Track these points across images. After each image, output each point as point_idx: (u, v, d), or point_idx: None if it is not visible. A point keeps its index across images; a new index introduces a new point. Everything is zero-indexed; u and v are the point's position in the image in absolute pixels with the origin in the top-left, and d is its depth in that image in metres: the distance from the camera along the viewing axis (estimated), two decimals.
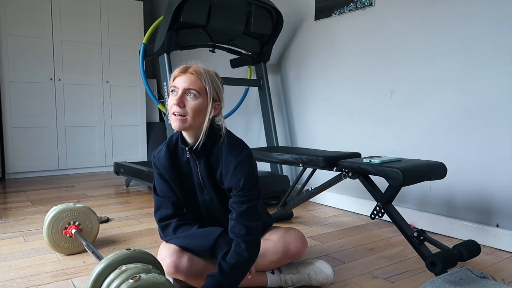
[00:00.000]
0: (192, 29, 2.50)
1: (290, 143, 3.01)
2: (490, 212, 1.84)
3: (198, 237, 1.24)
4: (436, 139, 2.04)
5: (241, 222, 1.19)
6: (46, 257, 1.68)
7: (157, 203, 1.34)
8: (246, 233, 1.17)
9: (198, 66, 1.23)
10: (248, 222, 1.19)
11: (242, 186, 1.21)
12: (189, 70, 1.21)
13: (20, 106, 3.67)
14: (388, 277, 1.48)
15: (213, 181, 1.30)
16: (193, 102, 1.20)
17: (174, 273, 1.22)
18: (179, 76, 1.21)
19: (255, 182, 1.24)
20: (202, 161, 1.29)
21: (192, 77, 1.20)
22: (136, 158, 4.34)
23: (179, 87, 1.20)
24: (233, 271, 1.14)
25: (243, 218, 1.19)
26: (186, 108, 1.19)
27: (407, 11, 2.14)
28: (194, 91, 1.20)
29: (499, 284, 1.37)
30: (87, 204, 2.55)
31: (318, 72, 2.73)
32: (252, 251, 1.18)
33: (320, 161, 1.78)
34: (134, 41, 4.24)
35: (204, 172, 1.29)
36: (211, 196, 1.31)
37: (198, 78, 1.21)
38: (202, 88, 1.21)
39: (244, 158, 1.24)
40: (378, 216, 1.61)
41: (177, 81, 1.21)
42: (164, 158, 1.32)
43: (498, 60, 1.78)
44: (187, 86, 1.19)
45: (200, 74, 1.21)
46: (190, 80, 1.20)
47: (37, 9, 3.69)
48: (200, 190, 1.33)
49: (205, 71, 1.23)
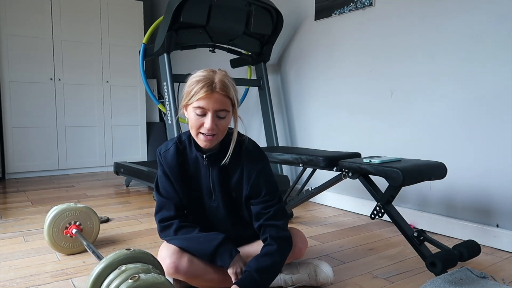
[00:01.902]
0: (192, 29, 2.50)
1: (290, 143, 3.01)
2: (490, 212, 1.84)
3: (199, 241, 1.23)
4: (436, 139, 2.04)
5: (270, 224, 1.23)
6: (46, 257, 1.68)
7: (159, 204, 1.33)
8: (276, 233, 1.22)
9: (222, 80, 1.16)
10: (277, 221, 1.24)
11: (266, 192, 1.25)
12: (217, 90, 1.14)
13: (20, 106, 3.67)
14: (388, 277, 1.48)
15: (225, 188, 1.29)
16: (224, 122, 1.19)
17: (174, 273, 1.22)
18: (207, 98, 1.14)
19: (276, 186, 1.29)
20: (216, 168, 1.28)
21: (221, 98, 1.15)
22: (136, 158, 4.34)
23: (209, 109, 1.15)
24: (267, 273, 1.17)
25: (272, 219, 1.24)
26: (217, 128, 1.18)
27: (407, 11, 2.14)
28: (223, 111, 1.17)
29: (499, 284, 1.37)
30: (87, 204, 2.55)
31: (318, 72, 2.73)
32: (285, 245, 1.23)
33: (320, 161, 1.78)
34: (134, 41, 4.24)
35: (217, 179, 1.28)
36: (218, 203, 1.31)
37: (227, 96, 1.16)
38: (230, 105, 1.19)
39: (264, 165, 1.28)
40: (378, 216, 1.61)
41: (205, 102, 1.14)
42: (172, 159, 1.30)
43: (498, 60, 1.78)
44: (218, 108, 1.15)
45: (228, 90, 1.16)
46: (221, 101, 1.15)
47: (37, 9, 3.69)
48: (208, 196, 1.32)
49: (229, 81, 1.18)
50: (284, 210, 1.29)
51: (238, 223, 1.34)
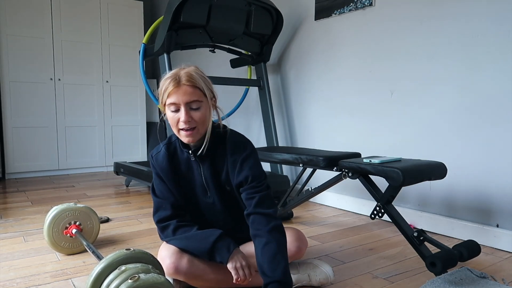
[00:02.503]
0: (192, 29, 2.50)
1: (290, 143, 3.01)
2: (490, 212, 1.84)
3: (197, 239, 1.23)
4: (436, 139, 2.04)
5: (258, 212, 1.19)
6: (46, 257, 1.68)
7: (156, 204, 1.33)
8: (266, 221, 1.17)
9: (187, 72, 1.18)
10: (265, 210, 1.19)
11: (252, 178, 1.22)
12: (183, 82, 1.16)
13: (20, 106, 3.67)
14: (388, 277, 1.48)
15: (218, 183, 1.29)
16: (199, 112, 1.18)
17: (174, 273, 1.22)
18: (176, 92, 1.16)
19: (263, 173, 1.26)
20: (206, 163, 1.28)
21: (189, 89, 1.16)
22: (136, 158, 4.34)
23: (180, 102, 1.16)
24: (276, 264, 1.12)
25: (260, 207, 1.20)
26: (193, 121, 1.18)
27: (407, 11, 2.14)
28: (195, 102, 1.17)
29: (499, 284, 1.37)
30: (87, 204, 2.55)
31: (318, 72, 2.73)
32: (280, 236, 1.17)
33: (320, 161, 1.78)
34: (134, 41, 4.24)
35: (208, 175, 1.28)
36: (214, 199, 1.31)
37: (194, 86, 1.17)
38: (201, 95, 1.19)
39: (249, 153, 1.26)
40: (378, 216, 1.61)
41: (175, 97, 1.16)
42: (163, 160, 1.31)
43: (498, 60, 1.78)
44: (188, 99, 1.16)
45: (194, 80, 1.17)
46: (189, 92, 1.16)
47: (37, 9, 3.69)
48: (203, 193, 1.32)
49: (197, 74, 1.19)
50: (271, 198, 1.24)
51: (236, 218, 1.33)
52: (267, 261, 1.12)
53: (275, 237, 1.15)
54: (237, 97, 3.43)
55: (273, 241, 1.14)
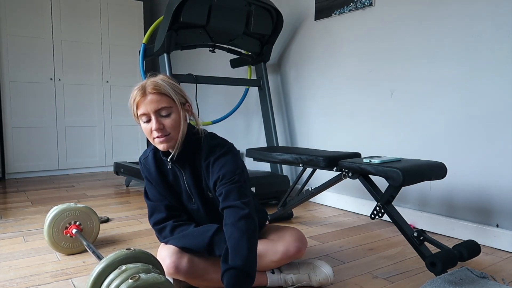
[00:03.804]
0: (192, 29, 2.50)
1: (290, 143, 3.01)
2: (490, 212, 1.84)
3: (195, 236, 1.23)
4: (436, 139, 2.04)
5: (226, 206, 1.14)
6: (46, 257, 1.68)
7: (150, 208, 1.33)
8: (233, 213, 1.11)
9: (153, 81, 1.19)
10: (231, 202, 1.14)
11: (222, 176, 1.18)
12: (148, 90, 1.17)
13: (20, 106, 3.67)
14: (388, 277, 1.48)
15: (200, 190, 1.29)
16: (170, 119, 1.19)
17: (174, 273, 1.22)
18: (142, 102, 1.17)
19: (237, 168, 1.20)
20: (187, 170, 1.27)
21: (155, 97, 1.17)
22: (136, 158, 4.34)
23: (148, 111, 1.17)
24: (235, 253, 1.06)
25: (227, 200, 1.15)
26: (166, 128, 1.19)
27: (407, 11, 2.14)
28: (164, 109, 1.18)
29: (499, 284, 1.37)
30: (87, 204, 2.55)
31: (318, 72, 2.73)
32: (244, 225, 1.10)
33: (320, 161, 1.78)
34: (134, 41, 4.24)
35: (190, 181, 1.28)
36: (198, 205, 1.31)
37: (160, 94, 1.17)
38: (169, 101, 1.19)
39: (222, 153, 1.22)
40: (378, 216, 1.61)
41: (143, 107, 1.17)
42: (151, 166, 1.32)
43: (498, 60, 1.78)
44: (156, 107, 1.17)
45: (160, 88, 1.18)
46: (156, 100, 1.17)
47: (37, 9, 3.69)
48: (188, 199, 1.33)
49: (163, 81, 1.20)
50: (242, 189, 1.17)
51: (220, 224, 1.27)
52: (230, 251, 1.06)
53: (239, 227, 1.09)
54: (237, 97, 3.43)
55: (236, 231, 1.08)
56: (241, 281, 1.03)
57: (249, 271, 1.05)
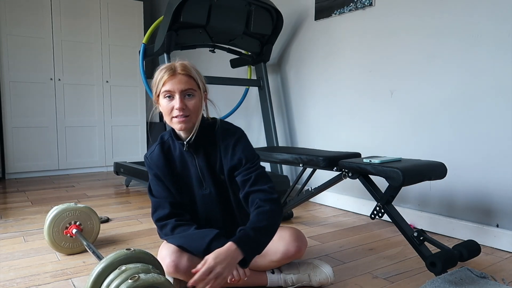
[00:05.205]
0: (192, 29, 2.50)
1: (290, 143, 3.01)
2: (490, 212, 1.84)
3: (194, 238, 1.23)
4: (436, 139, 2.04)
5: (255, 190, 1.23)
6: (46, 257, 1.68)
7: (154, 204, 1.34)
8: (263, 195, 1.21)
9: (182, 63, 1.25)
10: (261, 186, 1.23)
11: (246, 160, 1.27)
12: (178, 71, 1.23)
13: (20, 106, 3.67)
14: (388, 277, 1.48)
15: (213, 173, 1.32)
16: (193, 101, 1.24)
17: (174, 272, 1.22)
18: (171, 80, 1.22)
19: (256, 154, 1.30)
20: (200, 154, 1.31)
21: (184, 78, 1.23)
22: (136, 158, 4.34)
23: (175, 90, 1.22)
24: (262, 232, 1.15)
25: (256, 185, 1.23)
26: (187, 108, 1.23)
27: (407, 11, 2.14)
28: (191, 90, 1.23)
29: (499, 284, 1.37)
30: (87, 204, 2.55)
31: (318, 72, 2.73)
32: (273, 205, 1.19)
33: (320, 161, 1.78)
34: (134, 41, 4.24)
35: (203, 165, 1.31)
36: (210, 189, 1.32)
37: (188, 76, 1.24)
38: (195, 85, 1.25)
39: (240, 136, 1.31)
40: (378, 216, 1.61)
41: (170, 84, 1.22)
42: (158, 158, 1.34)
43: (499, 60, 1.78)
44: (183, 87, 1.22)
45: (190, 71, 1.24)
46: (184, 80, 1.22)
47: (37, 9, 3.69)
48: (199, 185, 1.33)
49: (190, 65, 1.26)
50: (267, 176, 1.28)
51: (231, 211, 1.35)
52: (250, 218, 1.17)
53: (270, 205, 1.19)
54: (237, 97, 3.43)
55: (265, 206, 1.18)
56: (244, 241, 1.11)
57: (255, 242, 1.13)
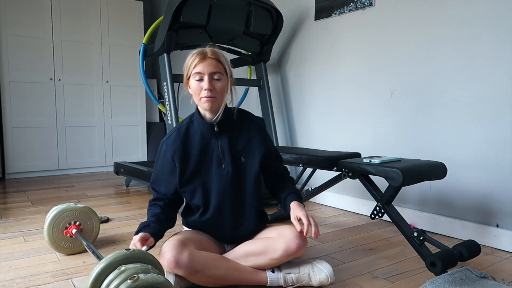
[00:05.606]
0: (192, 29, 2.50)
1: (290, 143, 3.01)
2: (490, 212, 1.84)
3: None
4: (436, 139, 2.04)
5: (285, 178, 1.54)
6: (46, 257, 1.68)
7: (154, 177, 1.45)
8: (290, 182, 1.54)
9: (212, 49, 1.35)
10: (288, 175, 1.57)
11: (274, 152, 1.50)
12: (209, 55, 1.33)
13: (20, 106, 3.67)
14: (388, 277, 1.48)
15: (234, 154, 1.40)
16: (220, 84, 1.34)
17: (175, 267, 1.22)
18: (201, 63, 1.32)
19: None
20: (224, 136, 1.40)
21: (214, 61, 1.33)
22: (136, 158, 4.34)
23: (205, 72, 1.32)
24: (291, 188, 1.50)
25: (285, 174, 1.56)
26: (215, 90, 1.33)
27: (407, 11, 2.14)
28: (218, 73, 1.33)
29: (499, 284, 1.37)
30: (87, 204, 2.55)
31: (318, 72, 2.73)
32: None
33: (320, 161, 1.78)
34: (134, 41, 4.24)
35: (226, 146, 1.39)
36: (228, 169, 1.38)
37: (218, 60, 1.34)
38: (223, 69, 1.35)
39: (263, 125, 1.49)
40: (378, 216, 1.61)
41: (200, 67, 1.32)
42: (175, 141, 1.40)
43: (499, 60, 1.78)
44: (212, 70, 1.32)
45: (219, 56, 1.34)
46: (213, 64, 1.32)
47: (37, 9, 3.69)
48: (218, 165, 1.39)
49: (220, 52, 1.36)
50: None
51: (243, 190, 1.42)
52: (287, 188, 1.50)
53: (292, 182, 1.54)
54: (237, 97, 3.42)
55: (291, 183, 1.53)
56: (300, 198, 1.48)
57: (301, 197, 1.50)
